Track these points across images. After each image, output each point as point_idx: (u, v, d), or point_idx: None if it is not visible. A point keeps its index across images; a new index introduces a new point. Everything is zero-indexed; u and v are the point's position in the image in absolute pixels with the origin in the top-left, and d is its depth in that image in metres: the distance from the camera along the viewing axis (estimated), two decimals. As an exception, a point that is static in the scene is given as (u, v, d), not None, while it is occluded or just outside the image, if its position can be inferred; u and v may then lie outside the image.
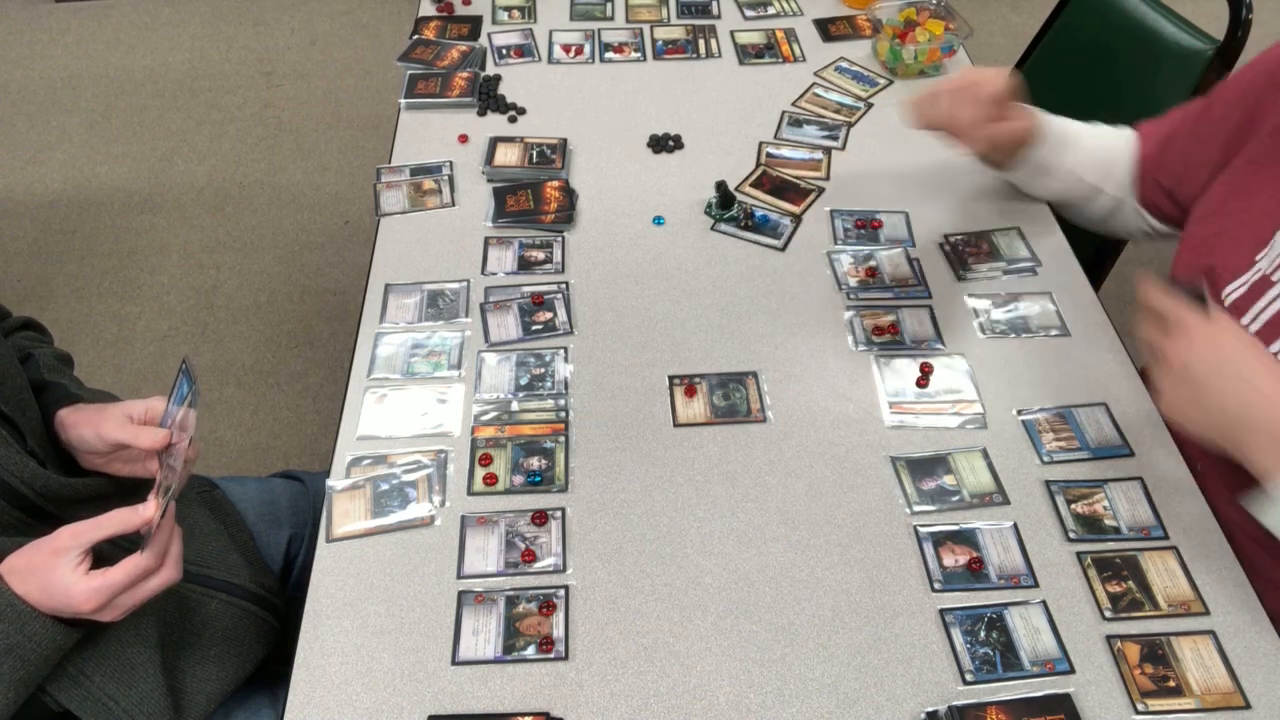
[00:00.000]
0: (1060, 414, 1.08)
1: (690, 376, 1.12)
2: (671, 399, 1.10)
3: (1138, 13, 1.52)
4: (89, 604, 0.80)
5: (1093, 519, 0.98)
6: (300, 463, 2.08)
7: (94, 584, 0.79)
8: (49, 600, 0.80)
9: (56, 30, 3.44)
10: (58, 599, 0.80)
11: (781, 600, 0.92)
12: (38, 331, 1.13)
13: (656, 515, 0.99)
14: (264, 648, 1.08)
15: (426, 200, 1.36)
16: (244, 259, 2.56)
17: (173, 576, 0.85)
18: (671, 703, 0.85)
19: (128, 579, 0.81)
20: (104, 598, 0.80)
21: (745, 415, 1.08)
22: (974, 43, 1.60)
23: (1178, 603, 0.91)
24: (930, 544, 0.96)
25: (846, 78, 1.57)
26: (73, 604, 0.80)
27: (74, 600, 0.80)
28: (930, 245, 1.28)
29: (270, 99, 3.11)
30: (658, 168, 1.41)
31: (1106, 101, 1.57)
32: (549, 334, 1.17)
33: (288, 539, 1.23)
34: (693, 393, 1.10)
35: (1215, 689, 0.85)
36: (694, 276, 1.25)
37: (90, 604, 0.80)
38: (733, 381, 1.11)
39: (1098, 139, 1.25)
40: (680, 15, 1.71)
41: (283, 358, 2.32)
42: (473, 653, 0.89)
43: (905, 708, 0.85)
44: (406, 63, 1.59)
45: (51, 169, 2.86)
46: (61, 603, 0.80)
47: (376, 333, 1.18)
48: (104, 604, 0.81)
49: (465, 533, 0.98)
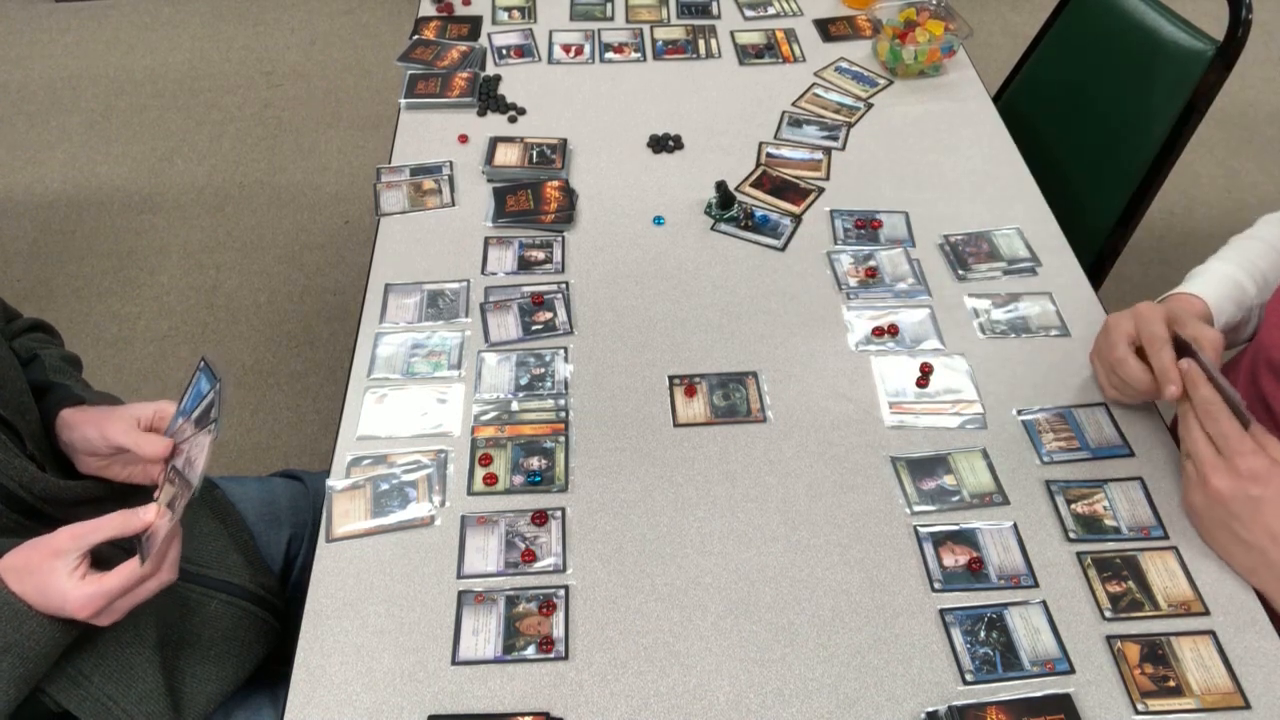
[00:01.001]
0: (1060, 414, 1.08)
1: (690, 376, 1.12)
2: (671, 399, 1.10)
3: (1138, 13, 1.52)
4: (84, 611, 0.80)
5: (1093, 519, 0.98)
6: (300, 463, 2.08)
7: (89, 590, 0.79)
8: (45, 602, 0.80)
9: (56, 30, 3.44)
10: (53, 602, 0.80)
11: (781, 600, 0.92)
12: (47, 333, 1.13)
13: (656, 515, 0.99)
14: (264, 648, 1.08)
15: (426, 200, 1.36)
16: (244, 259, 2.56)
17: (169, 578, 0.85)
18: (671, 703, 0.85)
19: (124, 585, 0.81)
20: (99, 604, 0.80)
21: (745, 415, 1.08)
22: (974, 43, 1.60)
23: (1178, 603, 0.91)
24: (930, 544, 0.96)
25: (846, 78, 1.57)
26: (68, 609, 0.80)
27: (69, 606, 0.80)
28: (930, 245, 1.28)
29: (270, 99, 3.11)
30: (658, 168, 1.41)
31: (1106, 101, 1.57)
32: (549, 334, 1.17)
33: (288, 539, 1.23)
34: (693, 392, 1.10)
35: (1215, 689, 0.85)
36: (694, 276, 1.25)
37: (86, 611, 0.80)
38: (733, 381, 1.11)
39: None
40: (680, 15, 1.71)
41: (283, 358, 2.32)
42: (473, 653, 0.89)
43: (905, 708, 0.85)
44: (406, 63, 1.60)
45: (51, 169, 2.86)
46: (57, 606, 0.80)
47: (376, 333, 1.18)
48: (100, 610, 0.81)
49: (465, 533, 0.98)
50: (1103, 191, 1.56)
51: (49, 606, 0.81)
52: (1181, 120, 1.43)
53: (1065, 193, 1.46)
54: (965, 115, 1.50)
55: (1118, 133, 1.54)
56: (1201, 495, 0.92)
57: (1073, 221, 1.34)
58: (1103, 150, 1.57)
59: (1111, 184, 1.54)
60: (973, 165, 1.41)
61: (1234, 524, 0.90)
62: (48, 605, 0.80)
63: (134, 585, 0.81)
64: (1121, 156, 1.52)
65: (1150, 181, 1.48)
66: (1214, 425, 0.90)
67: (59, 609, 0.80)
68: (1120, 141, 1.53)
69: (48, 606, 0.81)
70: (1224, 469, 0.90)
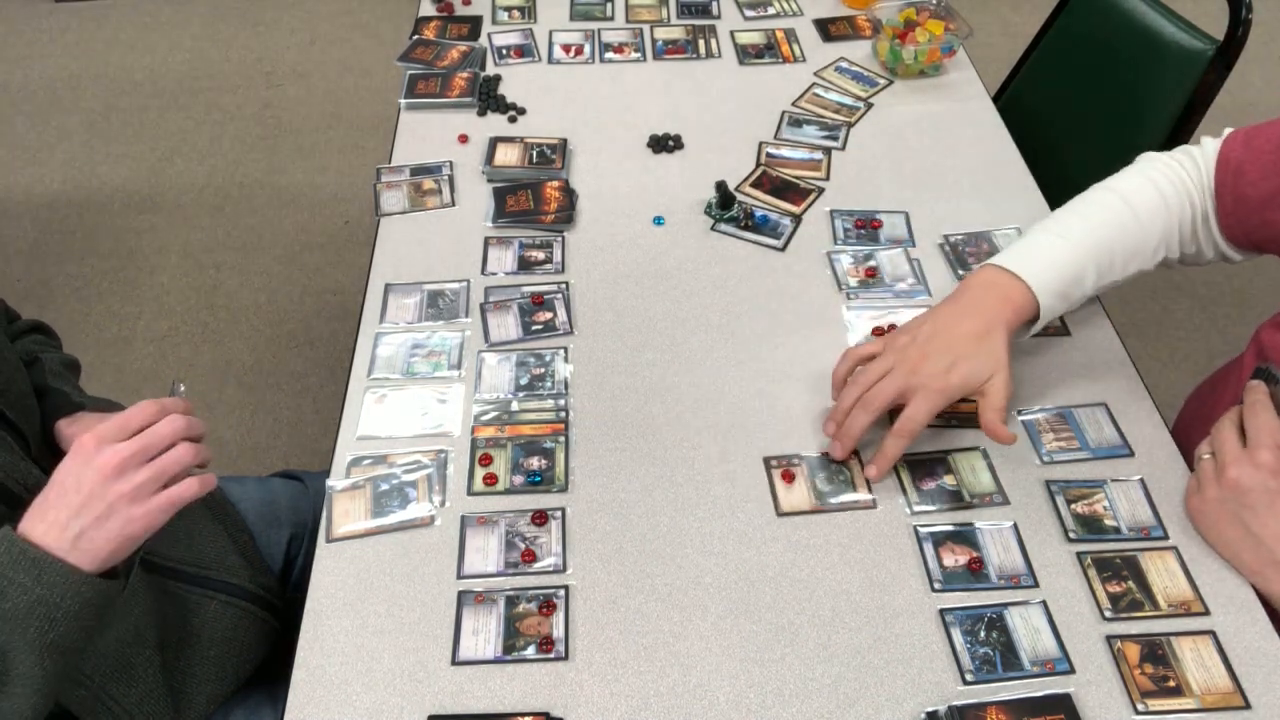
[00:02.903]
0: (1060, 414, 1.08)
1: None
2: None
3: (1138, 13, 1.52)
4: (97, 455, 0.75)
5: (1093, 519, 0.98)
6: (300, 463, 2.08)
7: (99, 428, 0.75)
8: (61, 500, 0.75)
9: (56, 30, 3.44)
10: (69, 491, 0.75)
11: (781, 600, 0.92)
12: (46, 335, 1.13)
13: (656, 515, 0.99)
14: (264, 648, 1.08)
15: (426, 200, 1.36)
16: (244, 259, 2.56)
17: (190, 427, 0.81)
18: (671, 703, 0.85)
19: (128, 416, 0.77)
20: (109, 438, 0.75)
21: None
22: (974, 43, 1.60)
23: (1178, 603, 0.91)
24: (930, 544, 0.96)
25: (846, 78, 1.57)
26: (85, 479, 0.74)
27: (87, 471, 0.74)
28: (930, 245, 1.28)
29: (270, 99, 3.11)
30: (658, 168, 1.41)
31: (1106, 101, 1.57)
32: (549, 334, 1.17)
33: (288, 539, 1.23)
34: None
35: (1215, 689, 0.85)
36: (694, 276, 1.25)
37: (98, 455, 0.75)
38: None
39: (1135, 232, 1.05)
40: (680, 15, 1.71)
41: (283, 358, 2.32)
42: (473, 653, 0.89)
43: (905, 708, 0.85)
44: (406, 63, 1.59)
45: (51, 169, 2.86)
46: (73, 489, 0.75)
47: (376, 333, 1.18)
48: (125, 461, 0.76)
49: (465, 533, 0.98)
50: (1103, 191, 1.55)
51: (66, 505, 0.75)
52: (1181, 120, 1.43)
53: (1065, 193, 1.45)
54: (965, 115, 1.50)
55: (1118, 133, 1.54)
56: (1215, 489, 0.92)
57: (1073, 221, 1.34)
58: (1103, 150, 1.57)
59: (1111, 184, 1.54)
60: (973, 165, 1.41)
61: (1246, 515, 0.89)
62: (63, 504, 0.75)
63: (141, 418, 0.78)
64: (1121, 156, 1.52)
65: (1150, 181, 1.47)
66: (1253, 419, 0.90)
67: (75, 489, 0.75)
68: (1120, 141, 1.53)
69: (65, 506, 0.75)
70: (1245, 460, 0.89)
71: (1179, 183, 1.07)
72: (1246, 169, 1.03)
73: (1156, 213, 1.06)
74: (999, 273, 1.03)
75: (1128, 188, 1.08)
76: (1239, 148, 1.05)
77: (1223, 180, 1.05)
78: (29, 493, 0.86)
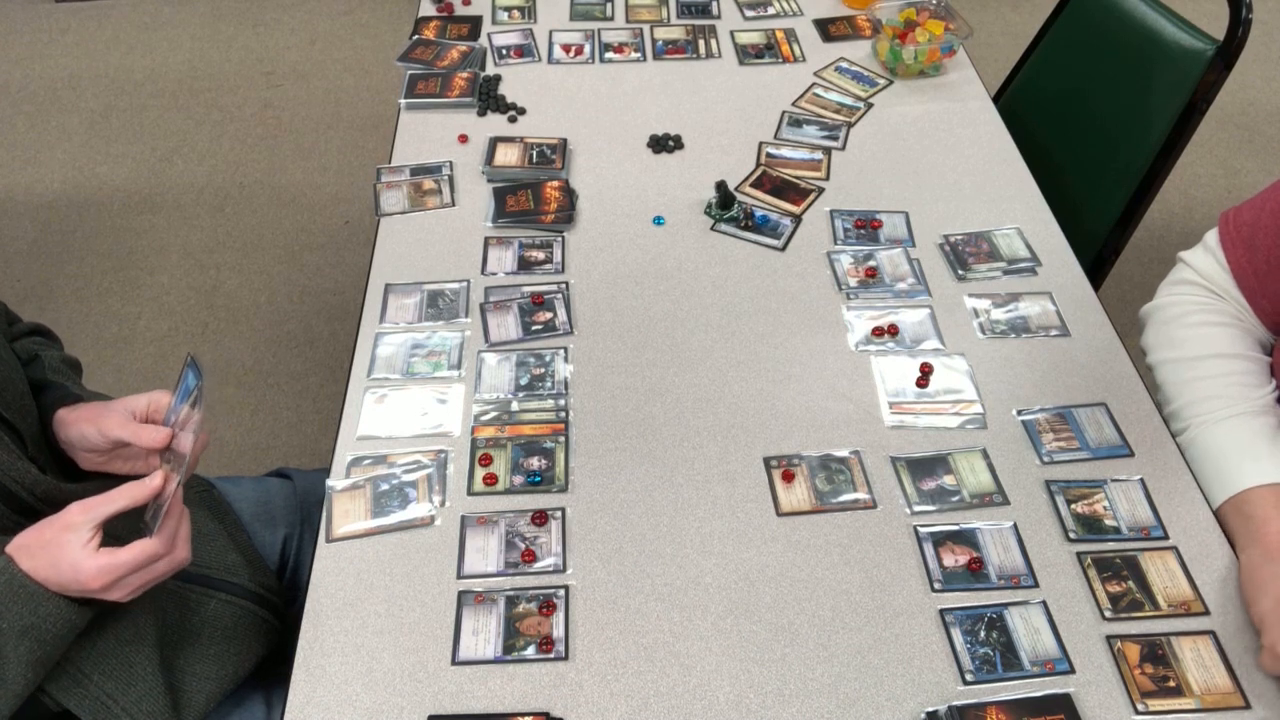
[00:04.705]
0: (1060, 414, 1.08)
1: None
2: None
3: (1138, 13, 1.52)
4: (97, 581, 0.80)
5: (1093, 519, 0.98)
6: (300, 463, 2.08)
7: (101, 562, 0.80)
8: (57, 576, 0.80)
9: (56, 30, 3.44)
10: (65, 575, 0.80)
11: (781, 600, 0.92)
12: (47, 337, 1.13)
13: (656, 515, 0.99)
14: (263, 646, 1.08)
15: (426, 200, 1.36)
16: (244, 259, 2.56)
17: (183, 557, 0.85)
18: (671, 703, 0.85)
19: (136, 562, 0.81)
20: (111, 577, 0.81)
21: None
22: (974, 43, 1.60)
23: (1178, 603, 0.91)
24: (930, 544, 0.96)
25: (846, 78, 1.57)
26: (81, 580, 0.80)
27: (82, 577, 0.80)
28: (930, 245, 1.28)
29: (270, 99, 3.11)
30: (658, 168, 1.41)
31: (1107, 101, 1.57)
32: (549, 334, 1.17)
33: (283, 538, 1.23)
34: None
35: (1215, 689, 0.85)
36: (694, 276, 1.25)
37: (98, 581, 0.80)
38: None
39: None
40: (680, 15, 1.71)
41: (283, 358, 2.32)
42: (473, 653, 0.89)
43: (905, 708, 0.85)
44: (406, 63, 1.59)
45: (51, 169, 2.86)
46: (69, 578, 0.80)
47: (376, 333, 1.18)
48: (112, 583, 0.81)
49: (465, 533, 0.98)
50: (1103, 191, 1.56)
51: (61, 581, 0.81)
52: (1181, 120, 1.43)
53: (1065, 192, 1.46)
54: (965, 115, 1.50)
55: (1118, 132, 1.54)
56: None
57: (1073, 221, 1.34)
58: (1103, 150, 1.57)
59: (1111, 184, 1.54)
60: (973, 165, 1.41)
61: None
62: (60, 579, 0.81)
63: (147, 562, 0.82)
64: (1121, 156, 1.52)
65: (1150, 181, 1.48)
66: None
67: (71, 581, 0.80)
68: (1120, 141, 1.53)
69: (60, 581, 0.81)
70: None
71: (1214, 303, 1.07)
72: (1259, 238, 1.03)
73: (1237, 339, 1.05)
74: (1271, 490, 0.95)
75: (1204, 348, 1.05)
76: (1236, 224, 1.06)
77: (1238, 264, 1.05)
78: (24, 490, 0.88)
